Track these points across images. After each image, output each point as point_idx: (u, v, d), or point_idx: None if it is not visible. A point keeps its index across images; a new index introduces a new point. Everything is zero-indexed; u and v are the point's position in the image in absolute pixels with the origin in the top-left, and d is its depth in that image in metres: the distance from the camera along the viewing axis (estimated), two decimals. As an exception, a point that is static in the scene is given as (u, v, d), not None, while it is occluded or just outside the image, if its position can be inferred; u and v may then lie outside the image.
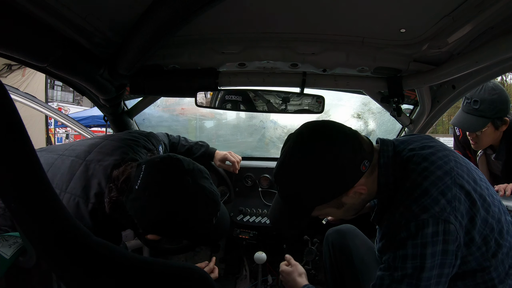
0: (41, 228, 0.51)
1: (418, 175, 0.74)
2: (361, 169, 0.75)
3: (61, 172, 0.93)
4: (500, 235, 0.73)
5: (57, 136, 10.32)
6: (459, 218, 0.68)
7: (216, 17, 0.89)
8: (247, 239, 1.64)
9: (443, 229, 0.67)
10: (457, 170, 0.74)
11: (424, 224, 0.67)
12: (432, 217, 0.67)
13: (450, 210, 0.68)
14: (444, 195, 0.69)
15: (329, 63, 1.08)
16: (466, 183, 0.72)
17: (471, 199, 0.71)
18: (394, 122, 1.68)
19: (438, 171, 0.72)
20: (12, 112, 0.46)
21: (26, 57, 0.82)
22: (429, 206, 0.68)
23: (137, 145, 1.08)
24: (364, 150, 0.76)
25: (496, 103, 1.51)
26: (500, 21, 0.78)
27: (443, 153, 0.77)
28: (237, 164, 1.61)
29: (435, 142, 0.84)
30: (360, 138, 0.78)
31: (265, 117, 2.29)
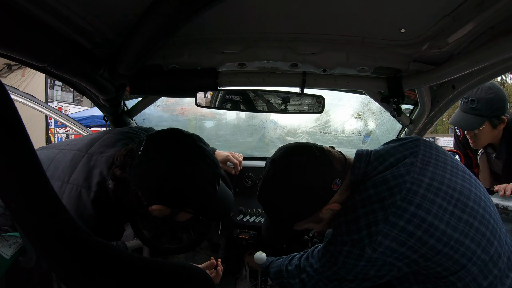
0: (41, 228, 0.51)
1: (360, 200, 0.80)
2: (333, 188, 0.83)
3: (63, 165, 0.93)
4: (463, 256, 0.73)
5: (57, 136, 10.32)
6: (379, 250, 0.74)
7: (216, 17, 0.89)
8: (247, 239, 1.64)
9: (358, 253, 0.77)
10: (399, 205, 0.74)
11: (343, 242, 0.79)
12: (351, 241, 0.78)
13: (367, 242, 0.75)
14: (368, 228, 0.75)
15: (329, 63, 1.07)
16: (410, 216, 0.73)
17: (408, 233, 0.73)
18: (394, 122, 1.68)
19: (376, 204, 0.77)
20: (12, 112, 0.46)
21: (26, 57, 0.82)
22: (351, 232, 0.78)
23: (138, 137, 1.08)
24: (335, 169, 0.83)
25: (493, 102, 1.54)
26: (500, 21, 0.78)
27: (398, 181, 0.78)
28: (239, 165, 1.60)
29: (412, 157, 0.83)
30: (332, 157, 0.85)
31: (265, 117, 2.29)
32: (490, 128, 1.61)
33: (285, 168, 0.85)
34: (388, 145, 0.91)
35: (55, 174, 0.90)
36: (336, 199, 0.85)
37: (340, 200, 0.86)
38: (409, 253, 0.74)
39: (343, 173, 0.84)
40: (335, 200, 0.85)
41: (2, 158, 0.46)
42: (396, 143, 0.90)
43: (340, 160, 0.87)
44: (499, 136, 1.66)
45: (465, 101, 1.59)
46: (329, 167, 0.83)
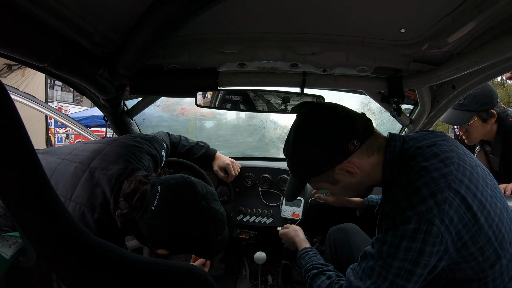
0: (41, 228, 0.51)
1: (415, 173, 0.75)
2: (349, 148, 0.79)
3: (64, 179, 0.93)
4: (500, 245, 0.71)
5: (57, 136, 10.32)
6: (446, 222, 0.68)
7: (216, 17, 0.89)
8: (247, 239, 1.64)
9: (425, 229, 0.68)
10: (456, 174, 0.73)
11: (407, 219, 0.70)
12: (416, 214, 0.69)
13: (436, 212, 0.68)
14: (434, 196, 0.69)
15: (329, 63, 1.07)
16: (465, 187, 0.71)
17: (467, 205, 0.70)
18: (394, 122, 1.68)
19: (434, 173, 0.73)
20: (12, 112, 0.46)
21: (26, 57, 0.82)
22: (415, 204, 0.70)
23: (140, 151, 1.09)
24: (355, 131, 0.80)
25: (479, 96, 1.59)
26: (500, 21, 0.78)
27: (447, 155, 0.76)
28: (233, 177, 1.63)
29: (446, 141, 0.83)
30: (356, 119, 0.82)
31: (265, 117, 2.29)
32: (480, 123, 1.65)
33: (306, 120, 0.86)
34: (417, 133, 0.90)
35: (57, 188, 0.91)
36: (354, 162, 0.81)
37: (361, 166, 0.82)
38: (463, 233, 0.69)
39: (363, 136, 0.81)
40: (352, 162, 0.81)
41: (2, 158, 0.46)
42: (425, 132, 0.89)
43: (364, 124, 0.83)
44: (494, 132, 1.68)
45: None
46: (348, 126, 0.80)
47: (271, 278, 1.69)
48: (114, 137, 1.33)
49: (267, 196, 1.72)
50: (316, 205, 1.64)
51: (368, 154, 0.83)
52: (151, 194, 0.85)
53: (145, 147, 1.13)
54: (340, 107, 0.85)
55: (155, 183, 0.87)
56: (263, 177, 1.72)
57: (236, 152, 2.33)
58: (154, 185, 0.86)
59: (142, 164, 1.05)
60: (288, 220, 1.61)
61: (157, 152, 1.18)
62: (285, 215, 1.61)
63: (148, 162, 1.09)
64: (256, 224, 1.66)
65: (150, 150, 1.14)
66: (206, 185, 0.93)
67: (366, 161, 0.83)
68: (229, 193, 1.74)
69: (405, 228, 0.70)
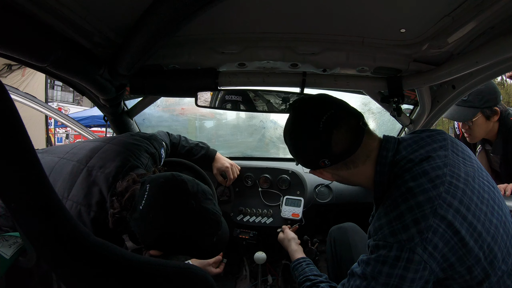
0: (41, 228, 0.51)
1: (400, 195, 0.72)
2: (320, 164, 0.79)
3: (62, 178, 0.92)
4: (491, 264, 0.68)
5: (57, 136, 10.32)
6: (429, 249, 0.66)
7: (216, 17, 0.89)
8: (247, 239, 1.64)
9: (407, 257, 0.66)
10: (445, 197, 0.69)
11: (389, 246, 0.68)
12: (397, 242, 0.67)
13: (418, 241, 0.66)
14: (417, 224, 0.67)
15: (329, 63, 1.07)
16: (453, 212, 0.68)
17: (454, 230, 0.67)
18: (394, 122, 1.68)
19: (420, 196, 0.70)
20: (12, 112, 0.46)
21: (26, 57, 0.82)
22: (397, 232, 0.68)
23: (139, 149, 1.08)
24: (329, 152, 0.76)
25: (483, 93, 1.58)
26: (500, 21, 0.78)
27: (438, 172, 0.72)
28: (231, 181, 1.62)
29: (442, 150, 0.79)
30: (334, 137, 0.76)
31: (265, 117, 2.29)
32: (483, 120, 1.64)
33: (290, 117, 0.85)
34: (414, 135, 0.85)
35: (55, 186, 0.89)
36: (328, 172, 0.83)
37: (340, 174, 0.83)
38: (449, 255, 0.67)
39: (337, 157, 0.77)
40: (328, 172, 0.83)
41: (2, 158, 0.46)
42: (423, 134, 0.84)
43: (345, 143, 0.76)
44: (495, 131, 1.67)
45: None
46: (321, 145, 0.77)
47: (271, 278, 1.69)
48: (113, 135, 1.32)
49: (267, 196, 1.72)
50: (316, 205, 1.64)
51: (348, 167, 0.81)
52: (140, 193, 0.82)
53: (144, 145, 1.11)
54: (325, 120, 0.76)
55: (145, 181, 0.85)
56: (263, 177, 1.72)
57: (236, 152, 2.33)
58: (143, 184, 0.84)
59: (141, 162, 1.03)
60: (288, 220, 1.61)
61: (156, 151, 1.17)
62: (285, 215, 1.61)
63: (146, 160, 1.07)
64: (256, 224, 1.66)
65: (149, 148, 1.13)
66: (198, 183, 0.89)
67: (345, 172, 0.82)
68: (229, 193, 1.74)
69: (386, 254, 0.68)
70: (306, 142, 0.79)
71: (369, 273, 0.71)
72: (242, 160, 1.90)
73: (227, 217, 1.71)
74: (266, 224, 1.65)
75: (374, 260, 0.70)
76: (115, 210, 0.84)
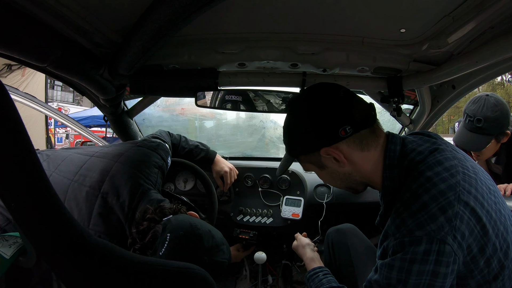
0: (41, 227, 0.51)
1: (420, 186, 0.69)
2: (339, 133, 0.73)
3: (79, 207, 0.98)
4: (505, 255, 0.67)
5: (57, 136, 10.32)
6: (458, 239, 0.63)
7: (216, 17, 0.89)
8: (247, 239, 1.64)
9: (437, 249, 0.62)
10: (464, 184, 0.67)
11: (417, 241, 0.64)
12: (426, 235, 0.63)
13: (448, 230, 0.62)
14: (444, 212, 0.64)
15: (329, 63, 1.08)
16: (473, 198, 0.66)
17: (477, 217, 0.65)
18: (394, 122, 1.68)
19: (442, 184, 0.67)
20: (12, 112, 0.46)
21: (26, 57, 0.82)
22: (425, 223, 0.64)
23: (148, 166, 1.11)
24: (350, 116, 0.74)
25: (500, 120, 1.49)
26: (500, 21, 0.78)
27: (451, 163, 0.71)
28: (227, 185, 1.63)
29: (445, 145, 0.79)
30: (355, 104, 0.76)
31: (265, 117, 2.29)
32: (494, 144, 1.58)
33: (304, 93, 0.84)
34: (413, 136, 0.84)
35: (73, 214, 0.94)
36: (343, 150, 0.76)
37: (350, 157, 0.77)
38: (473, 246, 0.64)
39: (358, 125, 0.74)
40: (342, 150, 0.76)
41: (1, 158, 0.46)
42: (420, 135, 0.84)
43: (364, 112, 0.76)
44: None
45: (470, 120, 1.53)
46: (344, 109, 0.74)
47: (271, 278, 1.69)
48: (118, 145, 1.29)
49: (267, 196, 1.72)
50: (316, 205, 1.64)
51: (362, 147, 0.77)
52: (161, 240, 0.88)
53: (152, 159, 1.15)
54: (344, 89, 0.78)
55: (165, 227, 0.89)
56: (263, 177, 1.72)
57: (236, 152, 2.33)
58: (164, 230, 0.89)
59: (151, 182, 1.08)
60: (288, 220, 1.61)
61: (164, 162, 1.20)
62: (285, 215, 1.61)
63: (156, 177, 1.12)
64: (256, 224, 1.66)
65: (157, 161, 1.16)
66: (213, 235, 0.92)
67: (358, 154, 0.77)
68: (229, 193, 1.74)
69: (415, 251, 0.63)
70: (326, 111, 0.75)
71: (395, 277, 0.65)
72: (242, 160, 1.90)
73: (227, 217, 1.71)
74: (266, 224, 1.65)
75: (400, 260, 0.65)
76: (137, 246, 0.89)
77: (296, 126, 0.80)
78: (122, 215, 0.97)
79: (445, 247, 0.62)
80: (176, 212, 0.97)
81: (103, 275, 0.57)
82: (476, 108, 1.49)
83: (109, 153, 1.16)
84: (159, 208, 0.95)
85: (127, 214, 0.97)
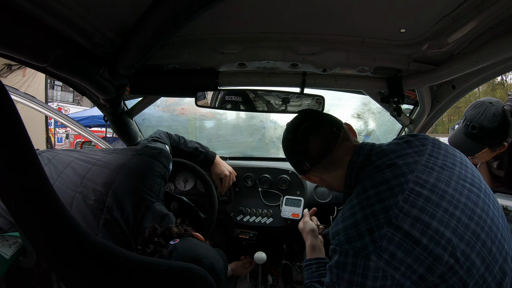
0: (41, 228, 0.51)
1: (358, 202, 0.75)
2: (303, 167, 0.89)
3: (85, 219, 0.99)
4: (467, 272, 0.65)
5: (57, 136, 10.32)
6: (385, 257, 0.66)
7: (217, 17, 0.89)
8: (247, 239, 1.64)
9: (363, 264, 0.68)
10: (402, 206, 0.68)
11: (345, 253, 0.71)
12: (353, 249, 0.70)
13: (372, 249, 0.67)
14: (371, 233, 0.68)
15: (329, 63, 1.07)
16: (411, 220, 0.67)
17: (413, 239, 0.66)
18: (394, 122, 1.68)
19: (377, 205, 0.71)
20: (12, 112, 0.46)
21: (26, 57, 0.82)
22: (352, 239, 0.70)
23: (151, 177, 1.12)
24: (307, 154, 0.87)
25: (495, 132, 1.45)
26: (500, 21, 0.78)
27: (400, 180, 0.72)
28: (225, 188, 1.64)
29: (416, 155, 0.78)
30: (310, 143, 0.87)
31: (265, 117, 2.29)
32: (489, 152, 1.54)
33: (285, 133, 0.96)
34: (395, 141, 0.88)
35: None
36: (313, 176, 0.93)
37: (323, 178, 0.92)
38: (416, 266, 0.65)
39: (315, 159, 0.87)
40: (313, 176, 0.93)
41: (2, 159, 0.46)
42: (401, 140, 0.86)
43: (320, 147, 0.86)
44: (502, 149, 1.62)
45: (467, 124, 1.51)
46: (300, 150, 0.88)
47: (271, 278, 1.69)
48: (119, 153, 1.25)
49: (267, 196, 1.72)
50: (316, 205, 1.64)
51: (329, 170, 0.88)
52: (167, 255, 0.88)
53: (155, 168, 1.15)
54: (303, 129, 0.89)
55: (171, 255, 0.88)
56: (263, 177, 1.72)
57: (236, 152, 2.33)
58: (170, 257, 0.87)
59: (154, 194, 1.09)
60: (288, 220, 1.61)
61: (166, 169, 1.20)
62: (285, 215, 1.61)
63: (158, 187, 1.13)
64: (256, 224, 1.66)
65: (160, 170, 1.16)
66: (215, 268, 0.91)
67: (327, 175, 0.90)
68: (229, 193, 1.74)
69: (344, 261, 0.71)
70: (291, 149, 0.93)
71: (334, 280, 0.74)
72: (242, 160, 1.90)
73: (227, 217, 1.71)
74: (266, 224, 1.65)
75: (335, 267, 0.74)
76: None
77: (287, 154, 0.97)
78: (127, 229, 0.99)
79: (369, 263, 0.67)
80: (183, 234, 0.98)
81: (102, 275, 0.57)
82: (475, 114, 1.46)
83: (111, 163, 1.15)
84: (167, 231, 0.95)
85: (132, 228, 1.00)
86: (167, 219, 1.04)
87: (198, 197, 1.71)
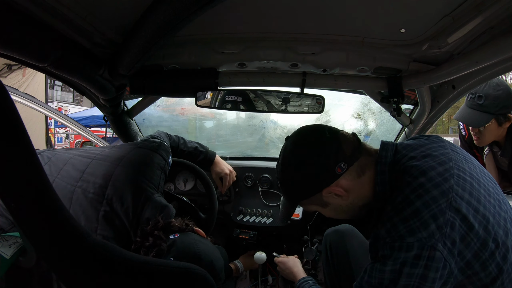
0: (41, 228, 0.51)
1: (412, 191, 0.70)
2: (336, 171, 0.77)
3: (85, 213, 0.98)
4: (503, 259, 0.67)
5: (57, 136, 10.32)
6: (448, 245, 0.64)
7: (216, 17, 0.89)
8: (247, 239, 1.64)
9: (428, 255, 0.64)
10: (457, 190, 0.68)
11: (408, 247, 0.66)
12: (418, 241, 0.65)
13: (439, 237, 0.64)
14: (435, 220, 0.65)
15: (329, 63, 1.07)
16: (466, 204, 0.67)
17: (468, 224, 0.65)
18: (394, 122, 1.68)
19: (434, 191, 0.68)
20: (12, 112, 0.46)
21: (26, 57, 0.82)
22: (416, 230, 0.66)
23: (151, 168, 1.11)
24: (342, 153, 0.77)
25: (500, 99, 1.49)
26: (500, 21, 0.78)
27: (445, 167, 0.72)
28: (225, 187, 1.63)
29: (442, 148, 0.78)
30: (343, 141, 0.79)
31: (265, 117, 2.29)
32: (496, 126, 1.58)
33: (291, 144, 0.83)
34: (413, 140, 0.86)
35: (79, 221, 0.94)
36: (343, 184, 0.78)
37: (350, 188, 0.79)
38: (466, 252, 0.65)
39: (351, 158, 0.78)
40: (342, 186, 0.78)
41: (2, 159, 0.46)
42: (420, 138, 0.85)
43: (352, 145, 0.80)
44: (504, 134, 1.64)
45: (471, 97, 1.55)
46: (335, 149, 0.77)
47: (271, 278, 1.69)
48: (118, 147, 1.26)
49: (267, 196, 1.71)
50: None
51: (359, 174, 0.80)
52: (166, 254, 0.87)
53: (154, 160, 1.14)
54: (327, 128, 0.83)
55: (170, 250, 0.87)
56: (263, 177, 1.72)
57: (236, 152, 2.33)
58: (169, 252, 0.87)
59: (153, 186, 1.08)
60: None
61: (166, 162, 1.19)
62: (285, 215, 1.61)
63: (158, 179, 1.12)
64: (256, 224, 1.65)
65: (159, 163, 1.16)
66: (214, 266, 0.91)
67: (357, 181, 0.80)
68: (229, 193, 1.74)
69: (406, 255, 0.66)
70: (318, 157, 0.78)
71: (387, 277, 0.67)
72: (242, 160, 1.90)
73: (227, 217, 1.71)
74: (266, 224, 1.65)
75: (391, 264, 0.67)
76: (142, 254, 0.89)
77: (293, 177, 0.82)
78: (127, 221, 0.98)
79: (435, 253, 0.64)
80: (184, 229, 0.96)
81: (102, 275, 0.58)
82: (479, 86, 1.47)
83: (111, 156, 1.15)
84: (167, 224, 0.94)
85: (132, 220, 0.98)
86: (167, 210, 1.03)
87: (198, 197, 1.71)
